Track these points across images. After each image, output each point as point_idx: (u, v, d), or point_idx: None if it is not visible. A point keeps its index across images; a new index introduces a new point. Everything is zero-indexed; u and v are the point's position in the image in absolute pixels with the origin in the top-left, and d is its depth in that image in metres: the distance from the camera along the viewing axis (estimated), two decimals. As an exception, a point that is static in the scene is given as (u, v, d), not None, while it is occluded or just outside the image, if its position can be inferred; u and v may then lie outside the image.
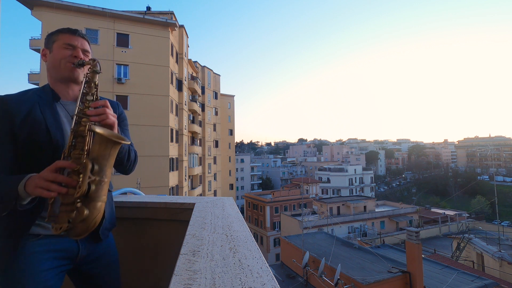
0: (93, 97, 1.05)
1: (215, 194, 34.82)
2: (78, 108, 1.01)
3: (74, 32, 1.18)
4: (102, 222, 1.21)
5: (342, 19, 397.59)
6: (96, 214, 0.93)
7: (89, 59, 1.10)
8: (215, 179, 35.82)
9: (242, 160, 63.98)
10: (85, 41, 1.20)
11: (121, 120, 1.29)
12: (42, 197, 0.93)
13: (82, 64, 1.12)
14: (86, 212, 0.89)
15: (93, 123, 0.98)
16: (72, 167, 0.90)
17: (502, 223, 30.46)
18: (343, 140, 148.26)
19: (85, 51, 1.19)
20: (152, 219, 1.71)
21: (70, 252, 1.13)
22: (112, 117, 1.01)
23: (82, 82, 1.05)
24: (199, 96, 30.58)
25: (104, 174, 0.94)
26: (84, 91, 1.03)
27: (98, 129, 0.91)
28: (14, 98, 1.06)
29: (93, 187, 0.90)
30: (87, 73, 1.06)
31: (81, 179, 0.88)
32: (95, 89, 1.06)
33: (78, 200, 0.90)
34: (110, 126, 1.00)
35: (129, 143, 1.06)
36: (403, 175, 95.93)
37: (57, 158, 1.00)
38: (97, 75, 1.07)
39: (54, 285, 1.07)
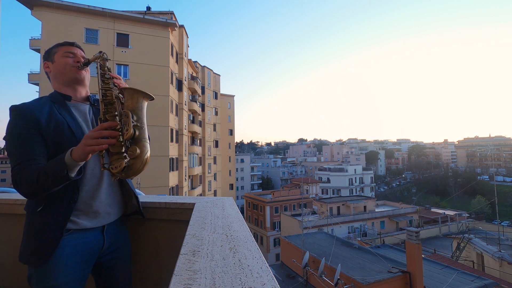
0: (109, 77, 1.14)
1: (215, 194, 34.82)
2: (100, 84, 1.09)
3: (71, 43, 1.29)
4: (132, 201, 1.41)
5: (342, 19, 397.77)
6: (146, 151, 1.05)
7: (94, 54, 1.18)
8: (215, 179, 35.81)
9: (242, 160, 63.97)
10: (81, 50, 1.31)
11: None
12: (94, 153, 1.00)
13: (87, 63, 1.21)
14: (138, 150, 1.02)
15: (117, 88, 1.10)
16: (113, 125, 1.00)
17: (502, 223, 30.47)
18: (343, 140, 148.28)
19: (83, 58, 1.30)
20: (152, 219, 1.71)
21: (96, 245, 1.22)
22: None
23: (97, 67, 1.14)
24: (199, 96, 30.58)
25: (142, 121, 1.07)
26: (101, 73, 1.12)
27: (126, 85, 1.06)
28: (33, 104, 1.14)
29: (137, 131, 1.04)
30: (98, 61, 1.14)
31: (126, 125, 1.01)
32: (109, 71, 1.15)
33: (127, 145, 1.02)
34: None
35: (154, 98, 1.16)
36: (403, 175, 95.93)
37: None
38: (107, 62, 1.16)
39: (82, 278, 1.16)
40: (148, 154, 1.07)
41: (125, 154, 1.00)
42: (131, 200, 1.42)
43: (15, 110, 1.10)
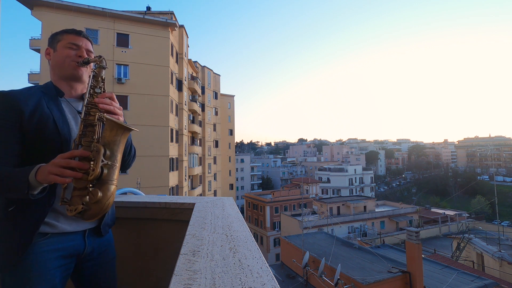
0: (101, 90, 1.10)
1: (215, 194, 34.82)
2: (87, 99, 1.04)
3: (78, 33, 1.21)
4: (104, 217, 1.23)
5: (342, 19, 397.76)
6: (109, 196, 0.97)
7: (95, 56, 1.14)
8: (215, 179, 35.81)
9: (242, 160, 63.96)
10: (88, 42, 1.24)
11: None
12: (56, 183, 0.94)
13: (87, 62, 1.15)
14: (100, 194, 0.93)
15: (102, 112, 1.02)
16: (85, 155, 0.93)
17: (502, 223, 30.45)
18: (343, 140, 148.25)
19: (88, 52, 1.22)
20: (152, 219, 1.71)
21: (76, 250, 1.14)
22: (119, 111, 1.07)
23: (89, 76, 1.10)
24: (199, 96, 30.57)
25: (115, 159, 0.98)
26: (92, 85, 1.08)
27: (108, 116, 0.97)
28: (21, 93, 1.06)
29: (105, 170, 0.94)
30: (93, 69, 1.11)
31: (94, 163, 0.92)
32: (102, 83, 1.11)
33: (91, 184, 0.94)
34: (116, 117, 1.05)
35: (137, 130, 1.08)
36: (403, 175, 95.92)
37: (65, 151, 1.03)
38: (104, 70, 1.12)
39: (60, 283, 1.08)
40: (112, 198, 0.98)
41: (87, 191, 0.94)
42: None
43: None
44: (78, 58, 1.17)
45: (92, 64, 1.22)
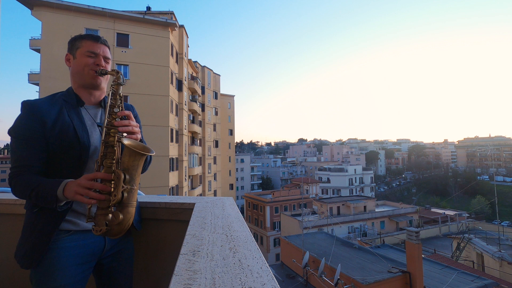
0: (119, 109, 1.15)
1: (215, 194, 34.82)
2: (107, 120, 1.10)
3: (96, 39, 1.25)
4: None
5: (342, 20, 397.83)
6: (129, 218, 1.07)
7: (113, 70, 1.20)
8: (215, 179, 35.81)
9: (242, 160, 63.97)
10: (106, 47, 1.28)
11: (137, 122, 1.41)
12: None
13: (104, 74, 1.21)
14: (121, 216, 1.03)
15: (120, 134, 1.10)
16: (107, 178, 1.02)
17: (502, 223, 30.49)
18: (343, 140, 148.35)
19: (106, 58, 1.27)
20: (152, 219, 1.71)
21: (97, 247, 1.22)
22: (136, 128, 1.15)
23: (108, 94, 1.17)
24: (199, 96, 30.57)
25: (134, 182, 1.07)
26: (111, 103, 1.14)
27: (127, 142, 1.03)
28: (44, 103, 1.15)
29: (125, 194, 1.03)
30: (112, 85, 1.16)
31: (116, 188, 1.01)
32: (120, 101, 1.16)
33: (113, 206, 1.04)
34: (135, 136, 1.14)
35: (154, 153, 1.14)
36: (403, 175, 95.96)
37: (84, 158, 1.15)
38: (121, 87, 1.17)
39: (82, 280, 1.16)
40: (131, 219, 1.09)
41: (110, 211, 1.03)
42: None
43: (25, 108, 1.11)
44: (96, 66, 1.22)
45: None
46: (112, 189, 1.01)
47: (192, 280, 0.63)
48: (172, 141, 20.66)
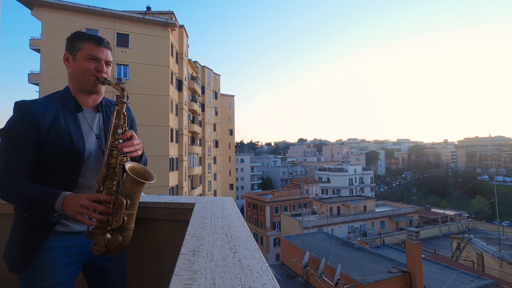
0: (122, 130, 1.13)
1: (215, 194, 34.82)
2: (110, 140, 1.09)
3: (99, 42, 1.17)
4: None
5: (343, 20, 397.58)
6: (127, 239, 1.09)
7: (118, 85, 1.14)
8: (215, 179, 35.81)
9: (242, 160, 63.97)
10: (109, 51, 1.22)
11: (133, 126, 1.38)
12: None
13: (107, 84, 1.18)
14: (120, 239, 1.05)
15: (122, 155, 1.08)
16: (110, 201, 1.03)
17: (502, 223, 30.49)
18: (343, 140, 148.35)
19: (108, 63, 1.21)
20: (152, 219, 1.71)
21: (86, 247, 1.19)
22: (138, 149, 1.14)
23: (113, 114, 1.13)
24: (199, 96, 30.58)
25: (134, 207, 1.09)
26: (115, 123, 1.11)
27: (129, 166, 1.04)
28: (40, 106, 1.09)
29: (126, 218, 1.05)
30: (116, 103, 1.14)
31: (117, 214, 1.02)
32: (124, 120, 1.14)
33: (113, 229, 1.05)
34: (135, 153, 1.13)
35: (155, 180, 1.12)
36: (403, 175, 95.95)
37: (79, 164, 1.12)
38: (125, 106, 1.15)
39: (70, 279, 1.14)
40: (128, 241, 1.11)
41: (108, 230, 1.04)
42: None
43: (19, 110, 1.06)
44: (98, 73, 1.16)
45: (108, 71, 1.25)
46: (113, 212, 1.02)
47: (192, 280, 0.63)
48: (172, 141, 20.66)
